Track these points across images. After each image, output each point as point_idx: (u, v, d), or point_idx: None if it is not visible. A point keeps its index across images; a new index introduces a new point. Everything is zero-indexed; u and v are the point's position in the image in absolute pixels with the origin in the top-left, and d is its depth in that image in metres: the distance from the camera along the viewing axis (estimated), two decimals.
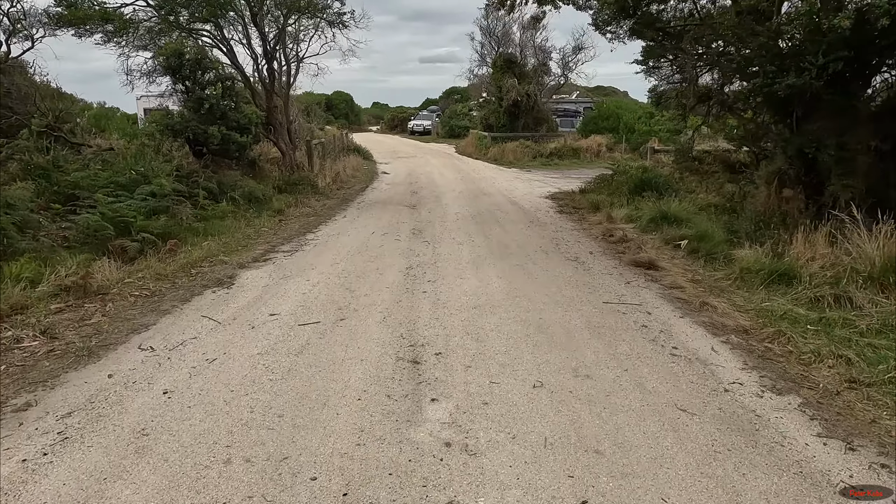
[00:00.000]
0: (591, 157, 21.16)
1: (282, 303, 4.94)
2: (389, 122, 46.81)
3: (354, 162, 17.16)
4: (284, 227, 8.52)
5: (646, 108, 24.31)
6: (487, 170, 17.95)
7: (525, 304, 4.75)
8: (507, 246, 7.03)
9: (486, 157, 21.50)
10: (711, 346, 3.99)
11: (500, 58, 22.88)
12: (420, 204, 10.67)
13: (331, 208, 10.28)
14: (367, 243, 7.25)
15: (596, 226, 8.63)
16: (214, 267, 6.18)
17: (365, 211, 9.96)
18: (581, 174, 17.68)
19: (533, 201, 11.18)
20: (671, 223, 8.16)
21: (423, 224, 8.56)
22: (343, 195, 12.03)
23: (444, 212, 9.69)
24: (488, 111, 23.73)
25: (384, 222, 8.76)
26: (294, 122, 15.03)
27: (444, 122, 35.75)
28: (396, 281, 5.50)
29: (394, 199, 11.49)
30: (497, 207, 10.21)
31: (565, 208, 10.31)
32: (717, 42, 8.39)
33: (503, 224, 8.56)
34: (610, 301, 4.92)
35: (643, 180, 10.62)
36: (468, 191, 12.61)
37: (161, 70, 9.62)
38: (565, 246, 7.14)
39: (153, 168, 8.03)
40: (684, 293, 5.28)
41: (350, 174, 15.34)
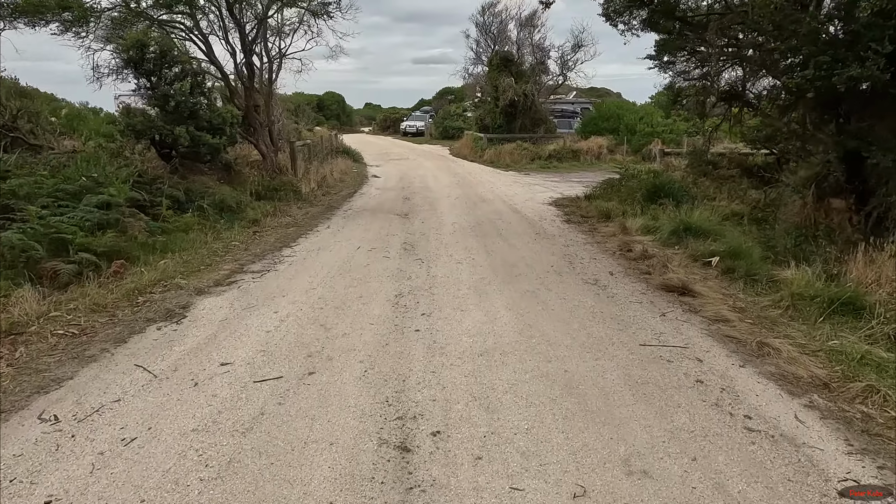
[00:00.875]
0: (591, 159, 20.27)
1: (239, 345, 3.94)
2: (381, 122, 45.82)
3: (343, 165, 16.16)
4: (259, 240, 7.51)
5: (647, 108, 23.48)
6: (484, 173, 16.99)
7: (544, 349, 3.78)
8: (513, 265, 6.06)
9: (482, 160, 20.55)
10: (794, 412, 3.04)
11: (497, 56, 21.95)
12: (413, 212, 9.68)
13: (313, 217, 9.28)
14: (350, 262, 6.26)
15: (610, 238, 7.68)
16: (167, 293, 5.18)
17: (351, 220, 8.97)
18: (582, 178, 16.78)
19: (536, 209, 10.22)
20: (696, 236, 7.23)
21: (415, 237, 7.58)
22: (328, 202, 11.03)
23: (440, 222, 8.72)
24: (484, 111, 22.79)
25: (372, 234, 7.77)
26: (278, 123, 14.02)
27: (438, 123, 34.78)
28: (383, 314, 4.52)
29: (384, 206, 10.50)
30: (498, 216, 9.25)
31: (573, 217, 9.36)
32: (746, 33, 7.48)
33: (506, 237, 7.59)
34: (648, 342, 3.96)
35: (657, 186, 9.69)
36: (465, 197, 11.64)
37: (122, 64, 8.58)
38: (580, 264, 6.18)
39: (107, 174, 7.01)
40: (733, 328, 4.34)
41: (338, 178, 14.34)
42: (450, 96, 50.13)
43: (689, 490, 2.35)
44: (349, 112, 59.49)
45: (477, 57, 23.26)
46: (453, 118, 33.98)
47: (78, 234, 5.55)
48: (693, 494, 2.33)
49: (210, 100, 9.38)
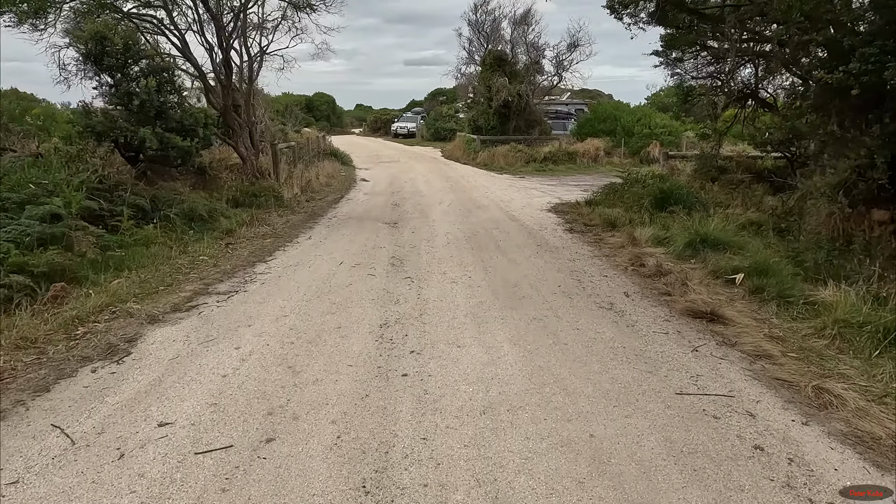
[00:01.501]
0: (588, 162, 19.66)
1: (186, 396, 3.21)
2: (372, 124, 45.07)
3: (330, 168, 15.41)
4: (231, 254, 6.76)
5: (643, 109, 22.91)
6: (478, 176, 16.30)
7: (561, 402, 3.07)
8: (515, 285, 5.35)
9: (476, 162, 19.87)
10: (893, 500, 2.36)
11: (490, 55, 21.28)
12: (402, 220, 8.96)
13: (295, 226, 8.52)
14: (330, 281, 5.52)
15: (618, 250, 7.00)
16: (114, 322, 4.42)
17: (335, 230, 8.22)
18: (580, 181, 16.16)
19: (535, 216, 9.53)
20: (713, 248, 6.58)
21: (405, 250, 6.85)
22: (312, 208, 10.27)
23: (432, 231, 8.00)
24: (477, 112, 22.10)
25: (357, 247, 7.04)
26: (260, 124, 13.25)
27: (430, 124, 34.08)
28: (364, 351, 3.80)
29: (372, 213, 9.76)
30: (495, 225, 8.54)
31: (575, 225, 8.68)
32: (768, 26, 6.85)
33: (506, 249, 6.88)
34: (685, 390, 3.27)
35: (666, 192, 9.04)
36: (459, 203, 10.93)
37: (81, 59, 7.78)
38: (591, 283, 5.48)
39: (57, 181, 6.23)
40: (780, 367, 3.66)
41: (324, 182, 13.58)
42: (442, 97, 49.48)
43: None
44: (340, 113, 58.67)
45: (470, 56, 22.64)
46: (445, 119, 33.27)
47: (12, 252, 4.78)
48: None
49: (181, 98, 8.60)
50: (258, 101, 13.55)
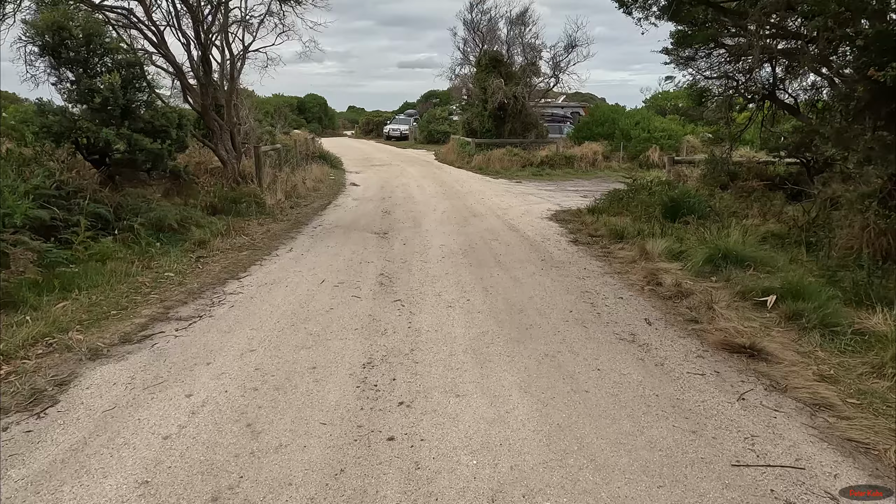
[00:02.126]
0: (585, 166, 19.07)
1: (112, 471, 2.51)
2: (364, 126, 44.39)
3: (318, 172, 14.69)
4: (201, 269, 6.05)
5: (642, 112, 22.37)
6: (473, 181, 15.65)
7: (591, 484, 2.40)
8: (521, 310, 4.68)
9: (470, 166, 19.24)
10: None
11: (486, 56, 20.65)
12: (393, 230, 8.28)
13: (275, 237, 7.82)
14: (309, 305, 4.83)
15: (630, 266, 6.36)
16: (47, 358, 3.72)
17: (319, 241, 7.53)
18: (578, 186, 15.57)
19: (535, 225, 8.88)
20: (736, 263, 5.96)
21: (395, 266, 6.17)
22: (296, 216, 9.57)
23: (425, 243, 7.32)
24: (471, 115, 21.45)
25: (342, 262, 6.35)
26: (244, 125, 12.55)
27: (423, 126, 33.43)
28: (342, 402, 3.11)
29: (360, 221, 9.07)
30: (493, 236, 7.88)
31: (580, 236, 8.04)
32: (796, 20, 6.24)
33: (507, 265, 6.22)
34: (742, 459, 2.61)
35: (676, 200, 8.43)
36: (454, 210, 10.26)
37: (38, 52, 7.05)
38: (605, 306, 4.83)
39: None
40: (846, 421, 3.02)
41: (311, 186, 12.87)
42: (435, 99, 48.85)
43: None
44: (332, 115, 57.95)
45: (464, 57, 22.00)
46: (439, 122, 32.64)
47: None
48: None
49: (152, 97, 7.88)
50: (242, 101, 12.85)
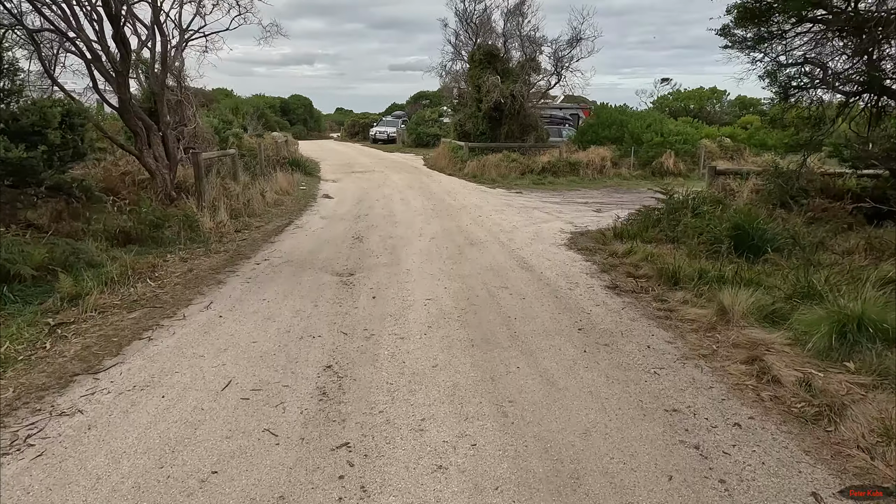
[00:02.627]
0: (592, 173, 16.99)
1: None
2: (349, 128, 42.14)
3: (285, 182, 12.44)
4: (46, 352, 3.81)
5: (653, 114, 20.35)
6: (466, 191, 13.48)
7: None
8: (576, 476, 2.49)
9: (463, 173, 17.09)
10: None
11: (480, 50, 18.51)
12: (362, 269, 6.07)
13: (196, 281, 5.58)
14: (179, 453, 2.62)
15: (710, 337, 4.23)
16: None
17: (254, 291, 5.30)
18: (587, 197, 13.49)
19: (553, 257, 6.73)
20: (879, 338, 3.85)
21: (353, 348, 3.96)
22: (240, 244, 7.32)
23: (404, 296, 5.11)
24: (464, 116, 19.31)
25: (272, 337, 4.13)
26: (189, 126, 10.30)
27: (411, 129, 31.25)
28: None
29: (321, 253, 6.85)
30: (501, 280, 5.69)
31: (617, 276, 5.90)
32: None
33: (529, 342, 4.03)
34: None
35: (742, 227, 6.32)
36: (445, 234, 8.07)
37: None
38: (723, 453, 2.66)
39: None
40: None
41: (273, 200, 10.63)
42: (424, 100, 46.75)
43: None
44: (317, 117, 55.75)
45: (456, 52, 19.85)
46: (428, 124, 30.50)
47: None
48: None
49: (16, 85, 5.63)
50: (189, 97, 10.60)
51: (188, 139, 10.35)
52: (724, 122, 21.97)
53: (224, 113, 23.19)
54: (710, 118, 22.93)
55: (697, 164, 17.55)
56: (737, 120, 22.90)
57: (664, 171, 17.17)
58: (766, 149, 18.16)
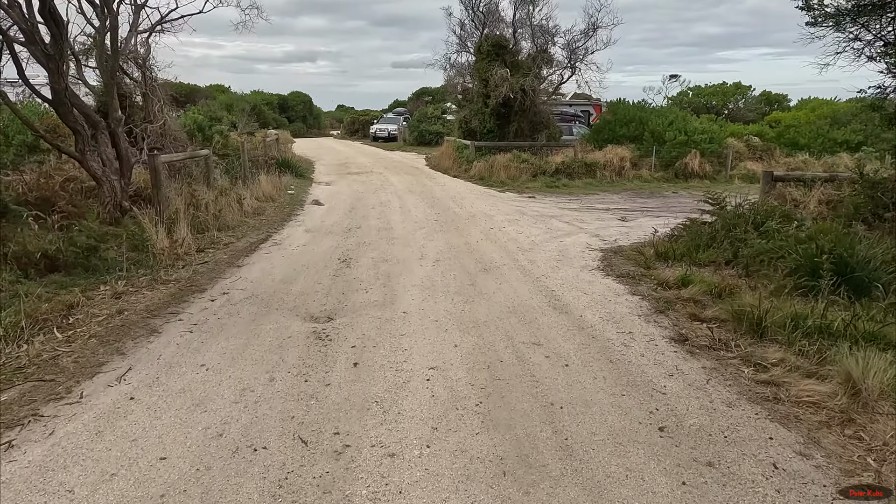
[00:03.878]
0: (610, 175, 15.55)
1: None
2: (349, 125, 40.74)
3: (270, 186, 11.03)
4: None
5: (674, 111, 18.86)
6: (474, 196, 12.05)
7: None
8: None
9: (469, 175, 15.67)
10: None
11: (487, 41, 17.04)
12: (344, 312, 4.64)
13: (115, 336, 4.13)
14: None
15: (847, 434, 2.80)
16: None
17: (191, 352, 3.85)
18: (607, 202, 12.10)
19: (589, 290, 5.31)
20: None
21: (316, 466, 2.54)
22: (195, 272, 5.88)
23: (399, 361, 3.67)
24: (470, 112, 17.84)
25: (192, 446, 2.69)
26: (156, 123, 8.89)
27: (413, 126, 29.79)
28: None
29: (295, 284, 5.43)
30: (529, 330, 4.26)
31: (681, 322, 4.47)
32: None
33: (588, 461, 2.59)
34: None
35: (835, 254, 4.87)
36: (452, 254, 6.65)
37: None
38: None
39: None
40: None
41: (252, 209, 9.22)
42: (427, 97, 45.32)
43: None
44: (317, 114, 54.40)
45: (462, 43, 18.37)
46: (431, 121, 29.05)
47: None
48: None
49: None
50: (156, 89, 9.18)
51: (154, 138, 8.94)
52: (748, 119, 20.49)
53: (214, 109, 21.80)
54: (734, 115, 21.44)
55: (724, 166, 16.08)
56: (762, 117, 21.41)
57: (688, 172, 15.72)
58: (797, 148, 16.69)
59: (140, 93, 9.21)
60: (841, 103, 19.32)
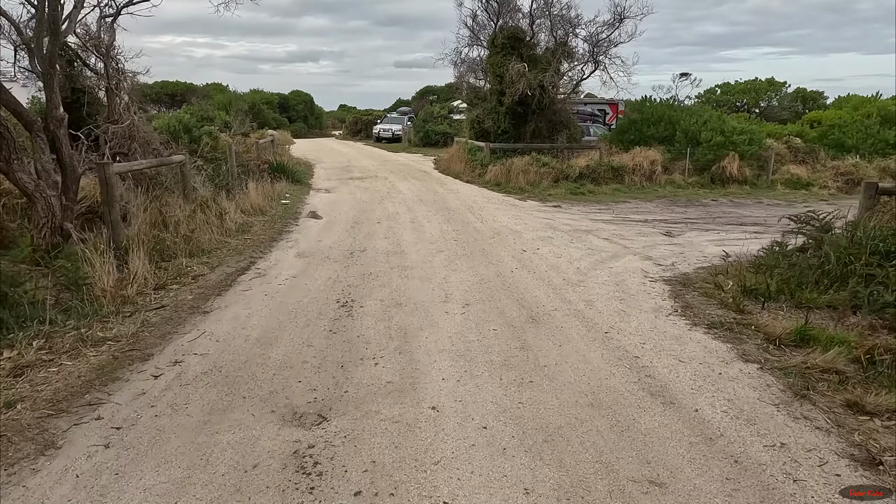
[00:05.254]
0: (640, 180, 14.05)
1: None
2: (351, 125, 39.26)
3: (260, 196, 9.55)
4: None
5: (707, 110, 17.32)
6: (493, 206, 10.57)
7: None
8: None
9: (483, 180, 14.19)
10: None
11: (502, 33, 15.53)
12: (342, 409, 3.15)
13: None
14: None
15: None
16: None
17: (98, 495, 2.38)
18: (642, 212, 10.68)
19: (682, 352, 3.81)
20: None
21: None
22: (143, 325, 4.39)
23: None
24: (483, 111, 16.33)
25: None
26: (122, 123, 7.43)
27: (419, 126, 28.28)
28: None
29: (275, 349, 3.94)
30: (633, 443, 2.77)
31: (838, 416, 2.97)
32: None
33: None
34: None
35: None
36: (484, 295, 5.15)
37: None
38: None
39: None
40: None
41: (236, 225, 7.74)
42: (432, 96, 43.89)
43: None
44: (319, 113, 53.01)
45: (474, 36, 16.87)
46: (437, 121, 27.55)
47: None
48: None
49: None
50: (121, 83, 7.72)
51: (119, 142, 7.47)
52: (781, 118, 18.92)
53: (207, 108, 20.33)
54: (767, 114, 19.87)
55: (765, 170, 14.55)
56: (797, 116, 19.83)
57: (725, 177, 14.19)
58: (843, 150, 15.15)
59: (103, 87, 7.75)
60: (884, 100, 17.74)
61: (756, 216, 10.58)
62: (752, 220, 10.08)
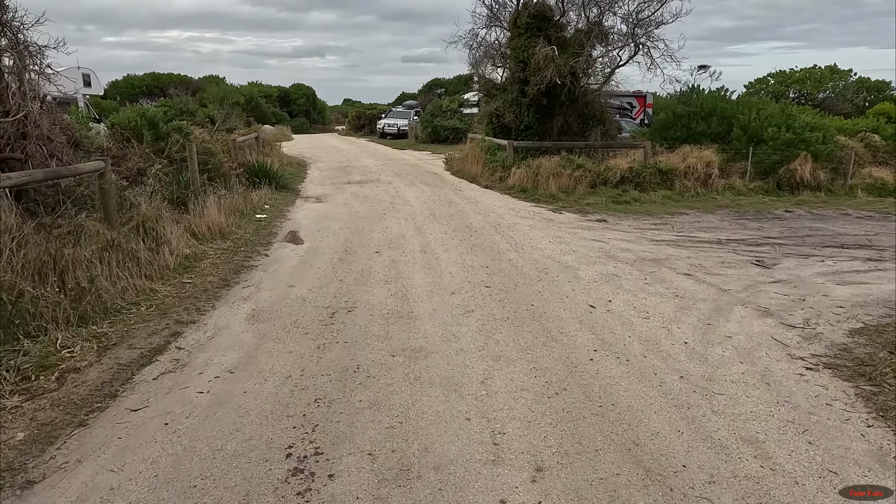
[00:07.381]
0: (693, 186, 11.70)
1: None
2: (354, 120, 36.93)
3: (219, 214, 7.29)
4: None
5: (768, 103, 14.86)
6: (526, 222, 8.27)
7: None
8: None
9: (505, 185, 11.93)
10: None
11: (526, 11, 13.17)
12: None
13: None
14: None
15: None
16: None
17: None
18: (710, 228, 8.37)
19: None
20: None
21: None
22: None
23: None
24: (502, 103, 13.99)
25: None
26: (16, 114, 5.14)
27: (426, 121, 25.92)
28: None
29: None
30: None
31: None
32: None
33: None
34: None
35: None
36: (558, 419, 2.89)
37: None
38: None
39: None
40: None
41: (176, 261, 5.49)
42: (439, 89, 41.51)
43: None
44: (321, 108, 50.80)
45: (492, 15, 14.49)
46: (446, 115, 25.20)
47: None
48: None
49: None
50: (18, 61, 5.45)
51: (7, 141, 5.23)
52: (843, 111, 16.52)
53: (185, 100, 18.11)
54: (828, 107, 17.37)
55: (840, 173, 12.16)
56: (860, 109, 17.37)
57: (795, 182, 11.82)
58: None
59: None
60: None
61: (852, 233, 8.25)
62: (852, 241, 7.76)
